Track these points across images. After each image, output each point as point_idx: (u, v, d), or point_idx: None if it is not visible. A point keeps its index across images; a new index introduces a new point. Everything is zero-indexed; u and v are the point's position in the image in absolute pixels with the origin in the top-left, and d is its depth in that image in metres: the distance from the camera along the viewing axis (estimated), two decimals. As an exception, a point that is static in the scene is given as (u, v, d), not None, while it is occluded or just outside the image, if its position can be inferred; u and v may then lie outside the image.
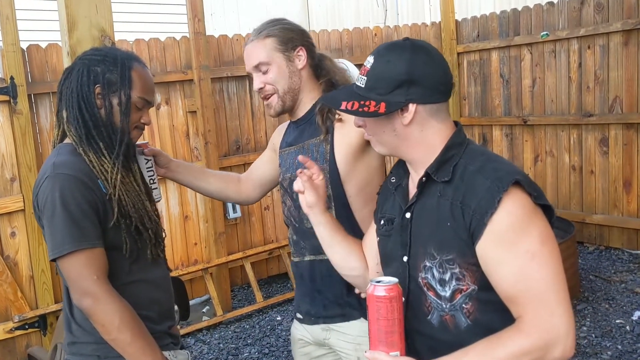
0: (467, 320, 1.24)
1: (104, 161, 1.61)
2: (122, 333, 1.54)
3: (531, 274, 1.15)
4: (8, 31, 3.72)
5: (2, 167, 3.83)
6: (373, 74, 1.28)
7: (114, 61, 1.64)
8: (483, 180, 1.21)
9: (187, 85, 4.58)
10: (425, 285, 1.28)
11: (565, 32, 5.10)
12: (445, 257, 1.23)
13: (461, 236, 1.21)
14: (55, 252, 1.53)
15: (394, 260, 1.37)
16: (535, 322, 1.14)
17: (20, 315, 3.86)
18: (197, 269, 4.55)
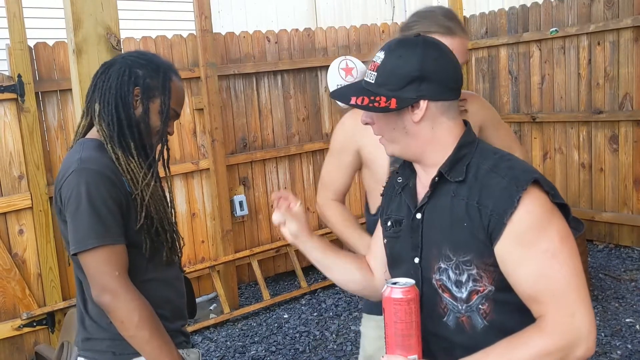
0: (483, 321, 1.23)
1: (131, 161, 1.63)
2: (140, 330, 1.55)
3: (552, 273, 1.14)
4: (15, 29, 3.73)
5: (10, 165, 3.85)
6: (384, 70, 1.25)
7: (156, 69, 1.68)
8: (499, 179, 1.19)
9: (194, 83, 4.57)
10: (441, 287, 1.25)
11: (575, 28, 5.06)
12: (462, 259, 1.21)
13: (479, 237, 1.19)
14: (79, 247, 1.53)
15: (404, 262, 1.34)
16: (557, 322, 1.13)
17: (28, 312, 3.87)
18: (205, 266, 4.55)
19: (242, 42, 4.84)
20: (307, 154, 5.16)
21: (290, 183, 5.12)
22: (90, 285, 1.56)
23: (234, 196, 4.79)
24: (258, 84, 4.92)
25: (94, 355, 1.66)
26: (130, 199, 1.61)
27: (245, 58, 4.85)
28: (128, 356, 1.64)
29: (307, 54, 5.14)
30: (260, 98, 4.94)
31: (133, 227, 1.61)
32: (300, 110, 5.13)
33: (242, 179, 4.89)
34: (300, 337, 4.06)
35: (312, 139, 5.20)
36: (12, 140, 3.84)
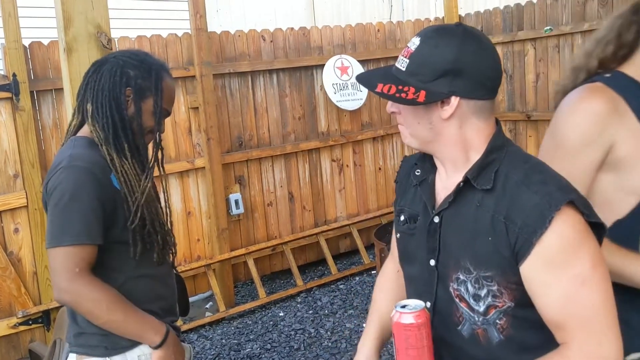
0: (499, 336, 1.16)
1: (125, 162, 1.64)
2: (113, 314, 1.57)
3: (580, 300, 1.07)
4: (10, 28, 3.75)
5: (5, 164, 3.86)
6: (417, 58, 1.15)
7: (149, 69, 1.69)
8: (531, 194, 1.09)
9: (189, 82, 4.58)
10: (458, 297, 1.18)
11: (569, 26, 5.07)
12: (483, 274, 1.13)
13: (503, 253, 1.11)
14: (53, 242, 1.54)
15: (418, 261, 1.27)
16: (583, 352, 1.07)
17: (24, 310, 3.89)
18: (200, 265, 4.57)
19: (237, 40, 4.86)
20: (303, 152, 5.18)
21: (287, 182, 5.14)
22: (53, 277, 1.58)
23: (230, 195, 4.80)
24: (253, 82, 4.93)
25: (85, 350, 1.68)
26: (118, 196, 1.62)
27: (240, 57, 4.86)
28: (120, 350, 1.66)
29: (303, 52, 5.15)
30: (256, 97, 4.95)
31: (121, 224, 1.63)
32: (296, 109, 5.14)
33: (237, 178, 4.91)
34: (295, 335, 4.07)
35: (308, 138, 5.22)
36: (7, 139, 3.85)
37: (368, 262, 5.09)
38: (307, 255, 5.28)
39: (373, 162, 5.60)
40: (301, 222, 5.22)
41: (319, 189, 5.31)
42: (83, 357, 1.68)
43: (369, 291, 4.66)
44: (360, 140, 5.47)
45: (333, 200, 5.37)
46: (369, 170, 5.58)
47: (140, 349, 1.68)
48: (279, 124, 5.07)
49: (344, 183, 5.43)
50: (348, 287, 4.80)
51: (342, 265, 5.23)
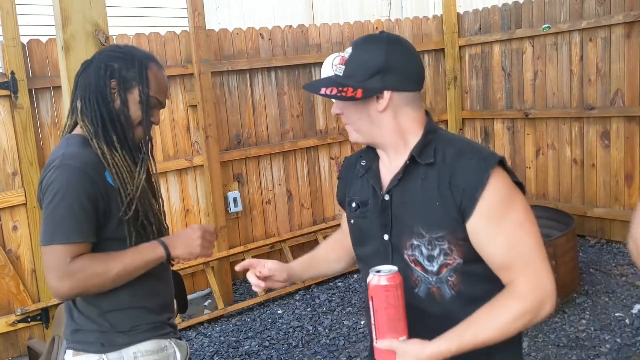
0: (451, 291, 1.33)
1: (115, 154, 1.65)
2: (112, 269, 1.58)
3: (521, 243, 1.26)
4: (8, 26, 3.75)
5: (3, 162, 3.86)
6: (351, 63, 1.35)
7: (131, 59, 1.68)
8: (467, 161, 1.29)
9: (187, 79, 4.59)
10: (413, 262, 1.34)
11: (567, 24, 5.08)
12: (434, 235, 1.30)
13: (451, 214, 1.28)
14: (46, 240, 1.55)
15: (372, 239, 1.43)
16: (529, 285, 1.25)
17: (23, 308, 3.90)
18: (199, 262, 4.57)
19: (235, 38, 4.86)
20: (301, 150, 5.19)
21: (285, 179, 5.14)
22: (47, 275, 1.57)
23: (228, 192, 4.81)
24: (252, 80, 4.94)
25: (82, 346, 1.68)
26: (112, 193, 1.63)
27: (238, 54, 4.87)
28: (116, 347, 1.67)
29: (301, 50, 5.16)
30: (254, 94, 4.96)
31: (115, 220, 1.63)
32: (294, 107, 5.15)
33: (236, 176, 4.91)
34: (293, 332, 4.08)
35: (307, 136, 5.22)
36: (5, 137, 3.86)
37: (366, 260, 5.10)
38: (305, 252, 5.27)
39: (371, 160, 5.60)
40: (299, 220, 5.23)
41: (317, 187, 5.31)
42: (79, 353, 1.69)
43: (367, 289, 4.67)
44: (359, 138, 5.47)
45: (331, 198, 5.38)
46: (367, 168, 5.58)
47: (136, 346, 1.69)
48: (277, 121, 5.08)
49: (342, 181, 5.43)
50: (346, 285, 4.81)
51: (340, 263, 5.23)
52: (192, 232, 1.70)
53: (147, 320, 1.72)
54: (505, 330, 1.24)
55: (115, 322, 1.68)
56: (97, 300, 1.67)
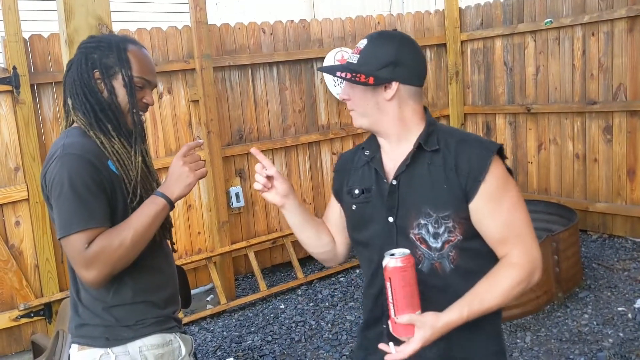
0: (451, 265, 1.47)
1: (114, 142, 1.66)
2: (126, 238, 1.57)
3: (515, 220, 1.45)
4: (10, 21, 3.74)
5: (5, 157, 3.86)
6: (366, 53, 1.48)
7: (108, 45, 1.68)
8: (471, 148, 1.46)
9: (189, 75, 4.58)
10: (419, 240, 1.47)
11: (569, 19, 5.07)
12: (441, 214, 1.45)
13: (457, 195, 1.44)
14: (63, 232, 1.55)
15: (375, 222, 1.54)
16: (523, 256, 1.43)
17: (26, 303, 3.90)
18: (201, 257, 4.58)
19: (237, 33, 4.85)
20: (303, 145, 5.18)
21: (287, 174, 5.14)
22: (74, 267, 1.58)
23: (230, 188, 4.81)
24: (253, 75, 4.93)
25: (87, 341, 1.69)
26: (116, 181, 1.63)
27: (240, 49, 4.86)
28: (121, 341, 1.67)
29: (303, 45, 5.15)
30: (256, 90, 4.95)
31: (121, 208, 1.64)
32: (296, 102, 5.14)
33: (238, 171, 4.91)
34: (296, 327, 4.09)
35: (308, 131, 5.22)
36: (7, 132, 3.86)
37: (368, 255, 5.10)
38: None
39: (373, 155, 5.59)
40: (301, 215, 5.22)
41: (319, 182, 5.31)
42: (85, 347, 1.69)
43: (369, 283, 4.68)
44: (361, 133, 5.46)
45: (333, 193, 5.37)
46: (369, 163, 5.58)
47: (141, 340, 1.69)
48: (279, 117, 5.07)
49: (344, 176, 5.43)
50: (348, 280, 4.81)
51: (342, 258, 5.24)
52: (176, 167, 1.67)
53: (151, 314, 1.73)
54: (506, 297, 1.41)
55: (120, 316, 1.68)
56: (101, 295, 1.67)
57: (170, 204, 1.66)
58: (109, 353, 1.66)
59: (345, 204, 1.64)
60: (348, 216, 1.64)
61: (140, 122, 1.73)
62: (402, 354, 1.35)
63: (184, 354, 1.79)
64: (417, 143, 1.48)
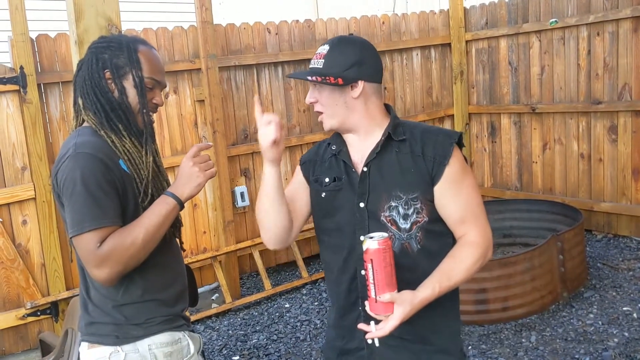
0: (417, 245, 1.60)
1: (125, 141, 1.67)
2: (138, 238, 1.58)
3: (473, 201, 1.61)
4: (17, 21, 3.76)
5: (12, 156, 3.88)
6: (331, 57, 1.59)
7: (119, 46, 1.69)
8: (435, 136, 1.62)
9: (194, 74, 4.60)
10: (389, 222, 1.59)
11: (575, 19, 5.07)
12: (411, 196, 1.58)
13: (424, 178, 1.58)
14: (75, 230, 1.56)
15: (346, 209, 1.64)
16: (481, 235, 1.59)
17: (32, 302, 3.92)
18: (206, 256, 4.60)
19: (242, 33, 4.86)
20: (307, 145, 5.19)
21: (291, 174, 5.14)
22: (85, 266, 1.59)
23: (235, 187, 4.82)
24: (259, 75, 4.94)
25: (97, 339, 1.70)
26: (128, 180, 1.65)
27: (245, 49, 4.87)
28: (131, 339, 1.68)
29: (308, 45, 5.16)
30: (261, 89, 4.97)
31: (131, 207, 1.65)
32: (300, 102, 5.15)
33: (243, 170, 4.93)
34: (301, 326, 4.10)
35: (313, 130, 5.23)
36: (14, 132, 3.87)
37: (373, 254, 5.10)
38: (312, 247, 5.30)
39: (378, 155, 5.60)
40: (306, 214, 5.23)
41: (324, 182, 5.31)
42: (94, 345, 1.70)
43: (374, 283, 4.68)
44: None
45: (338, 192, 5.38)
46: (374, 163, 5.58)
47: (151, 339, 1.71)
48: (283, 116, 5.08)
49: (349, 175, 5.44)
50: (353, 279, 4.82)
51: (347, 257, 5.25)
52: (186, 167, 1.68)
53: (161, 312, 1.74)
54: (469, 273, 1.55)
55: (129, 314, 1.69)
56: (111, 293, 1.68)
57: (180, 204, 1.67)
58: (118, 351, 1.68)
59: (314, 192, 1.72)
60: (316, 203, 1.72)
61: (151, 122, 1.75)
62: (383, 331, 1.45)
63: (192, 352, 1.81)
64: (386, 133, 1.62)
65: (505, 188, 5.87)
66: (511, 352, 3.42)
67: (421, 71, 5.86)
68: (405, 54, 5.73)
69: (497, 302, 3.69)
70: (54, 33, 4.06)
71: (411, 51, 5.77)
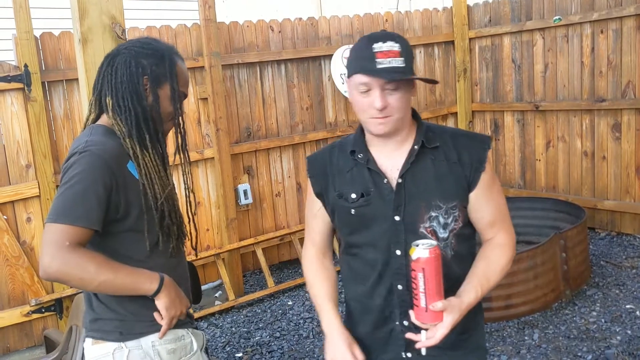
0: (451, 252, 1.58)
1: (146, 155, 1.67)
2: (103, 274, 1.54)
3: (501, 205, 1.62)
4: (21, 19, 3.77)
5: (17, 154, 3.90)
6: (406, 54, 1.48)
7: (161, 56, 1.71)
8: (468, 142, 1.59)
9: (198, 72, 4.60)
10: (430, 233, 1.54)
11: (578, 16, 5.05)
12: (450, 205, 1.54)
13: (462, 185, 1.55)
14: (52, 218, 1.53)
15: (379, 223, 1.56)
16: (509, 237, 1.61)
17: (37, 299, 3.94)
18: (210, 254, 4.61)
19: (245, 31, 4.87)
20: (310, 143, 5.20)
21: (294, 172, 5.16)
22: (41, 249, 1.54)
23: (239, 185, 4.83)
24: (262, 73, 4.95)
25: (101, 335, 1.71)
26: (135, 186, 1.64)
27: (249, 47, 4.88)
28: (135, 336, 1.69)
29: (311, 43, 5.16)
30: (264, 87, 4.97)
31: (136, 213, 1.64)
32: (303, 100, 5.16)
33: (246, 168, 4.94)
34: (304, 323, 4.11)
35: (316, 128, 5.24)
36: (19, 130, 3.89)
37: (376, 252, 5.11)
38: (315, 245, 5.31)
39: (381, 153, 5.60)
40: (309, 212, 5.24)
41: (327, 179, 5.32)
42: (98, 342, 1.71)
43: (376, 280, 4.69)
44: (368, 131, 5.48)
45: (341, 190, 5.39)
46: (377, 161, 5.59)
47: (154, 335, 1.71)
48: (287, 114, 5.09)
49: (352, 173, 5.44)
50: (356, 277, 4.83)
51: (350, 255, 5.25)
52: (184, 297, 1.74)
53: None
54: (503, 273, 1.57)
55: (133, 311, 1.70)
56: None
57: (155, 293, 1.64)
58: (122, 347, 1.69)
59: (339, 209, 1.62)
60: (344, 220, 1.63)
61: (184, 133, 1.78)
62: (434, 340, 1.42)
63: (195, 349, 1.82)
64: (419, 141, 1.55)
65: (509, 186, 5.87)
66: (514, 350, 3.43)
67: (424, 69, 5.85)
68: (408, 51, 5.72)
69: (500, 300, 3.70)
70: (58, 31, 4.07)
71: (414, 49, 5.77)
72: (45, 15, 5.53)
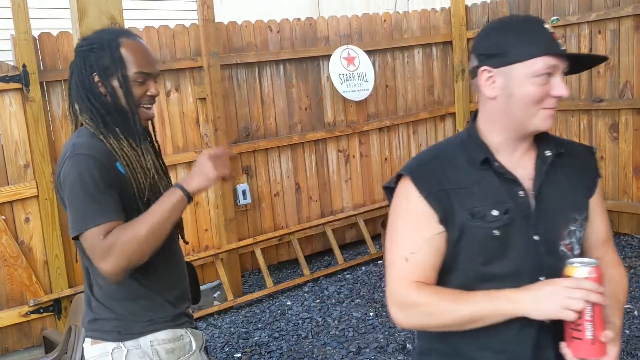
0: None
1: (123, 145, 1.67)
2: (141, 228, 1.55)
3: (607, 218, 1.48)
4: (20, 19, 3.77)
5: (15, 154, 3.90)
6: None
7: (101, 46, 1.67)
8: (580, 147, 1.48)
9: (196, 72, 4.61)
10: (569, 250, 1.37)
11: (576, 16, 5.06)
12: (582, 216, 1.40)
13: (587, 195, 1.42)
14: (76, 230, 1.57)
15: (516, 246, 1.30)
16: (617, 255, 1.47)
17: (35, 299, 3.94)
18: (208, 254, 4.61)
19: (244, 31, 4.87)
20: (309, 143, 5.20)
21: (293, 172, 5.16)
22: (93, 262, 1.58)
23: (237, 185, 4.84)
24: (260, 73, 4.95)
25: (100, 335, 1.71)
26: (124, 182, 1.64)
27: (247, 47, 4.88)
28: (133, 336, 1.70)
29: (309, 43, 5.16)
30: (263, 87, 4.97)
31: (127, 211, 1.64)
32: (302, 100, 5.16)
33: (245, 168, 4.94)
34: (303, 324, 4.11)
35: (315, 128, 5.24)
36: (17, 130, 3.89)
37: (374, 252, 5.12)
38: (314, 245, 5.32)
39: (379, 153, 5.62)
40: (308, 212, 5.25)
41: (326, 180, 5.33)
42: (97, 342, 1.72)
43: (375, 281, 4.70)
44: (366, 131, 5.49)
45: (339, 190, 5.40)
46: (375, 161, 5.60)
47: (153, 335, 1.71)
48: (285, 114, 5.09)
49: (350, 173, 5.46)
50: (354, 277, 4.84)
51: (348, 255, 5.26)
52: (202, 162, 1.65)
53: (163, 311, 1.75)
54: (627, 293, 1.44)
55: (132, 311, 1.71)
56: (114, 290, 1.70)
57: (188, 196, 1.63)
58: (121, 347, 1.69)
59: (474, 231, 1.30)
60: (480, 245, 1.30)
61: (140, 121, 1.71)
62: None
63: (194, 348, 1.82)
64: (549, 146, 1.37)
65: (507, 186, 5.87)
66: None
67: (423, 69, 5.86)
68: (406, 52, 5.74)
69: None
70: (57, 31, 4.07)
71: (413, 49, 5.78)
72: (44, 15, 5.53)
